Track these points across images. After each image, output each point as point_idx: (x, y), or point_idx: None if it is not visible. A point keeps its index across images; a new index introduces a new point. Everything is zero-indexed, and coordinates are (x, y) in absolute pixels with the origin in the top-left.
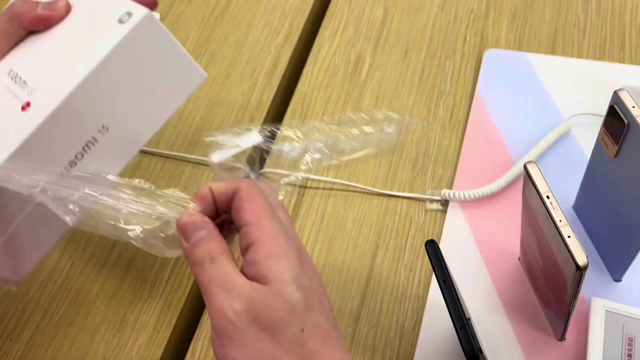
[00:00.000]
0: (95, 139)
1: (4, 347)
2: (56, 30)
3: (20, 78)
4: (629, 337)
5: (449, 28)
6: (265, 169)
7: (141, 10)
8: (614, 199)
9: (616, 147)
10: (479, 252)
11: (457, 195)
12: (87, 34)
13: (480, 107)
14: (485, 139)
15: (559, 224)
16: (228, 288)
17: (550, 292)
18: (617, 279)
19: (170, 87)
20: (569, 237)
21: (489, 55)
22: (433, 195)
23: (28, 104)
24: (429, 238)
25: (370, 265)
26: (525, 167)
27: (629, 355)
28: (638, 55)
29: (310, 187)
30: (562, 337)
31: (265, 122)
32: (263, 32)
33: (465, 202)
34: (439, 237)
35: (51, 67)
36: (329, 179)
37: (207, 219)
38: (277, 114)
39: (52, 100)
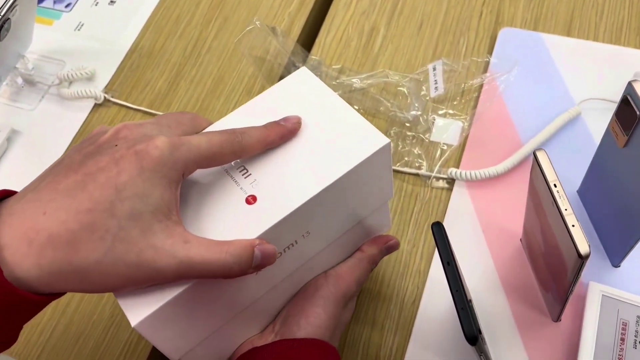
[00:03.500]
0: (295, 243)
1: None
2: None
3: (246, 170)
4: (623, 322)
5: (465, 3)
6: None
7: (382, 138)
8: (620, 187)
9: (626, 138)
10: (482, 232)
11: (463, 174)
12: (327, 147)
13: (492, 86)
14: (494, 118)
15: (564, 212)
16: None
17: (550, 275)
18: (616, 264)
19: (365, 203)
20: (573, 226)
21: (504, 33)
22: (439, 173)
23: (254, 198)
24: (433, 215)
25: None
26: (534, 154)
27: (622, 340)
28: None
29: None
30: (558, 318)
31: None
32: None
33: (471, 182)
34: (444, 215)
35: (286, 173)
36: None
37: None
38: None
39: (285, 205)
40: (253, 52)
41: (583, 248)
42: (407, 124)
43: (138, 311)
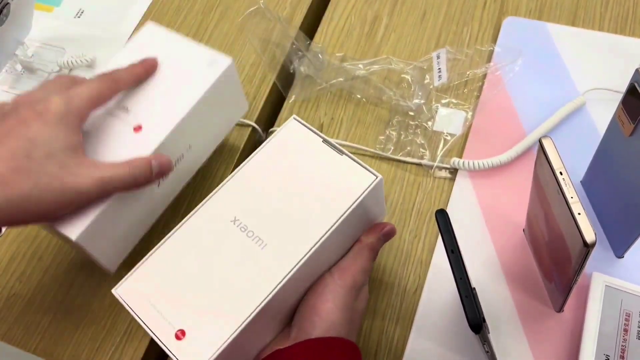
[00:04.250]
0: (182, 156)
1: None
2: (156, 76)
3: (127, 108)
4: (626, 313)
5: None
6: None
7: (226, 59)
8: (625, 177)
9: (632, 126)
10: (485, 222)
11: (466, 164)
12: (185, 76)
13: (496, 76)
14: (498, 108)
15: (570, 200)
16: None
17: (554, 265)
18: (620, 255)
19: (229, 115)
20: (579, 214)
21: (508, 23)
22: (442, 162)
23: (140, 127)
24: (436, 205)
25: None
26: (540, 141)
27: (625, 330)
28: None
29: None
30: (560, 309)
31: (278, 79)
32: None
33: (474, 172)
34: (446, 205)
35: (158, 103)
36: (339, 141)
37: None
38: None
39: (164, 127)
40: (256, 34)
41: (589, 236)
42: (410, 113)
43: (75, 227)
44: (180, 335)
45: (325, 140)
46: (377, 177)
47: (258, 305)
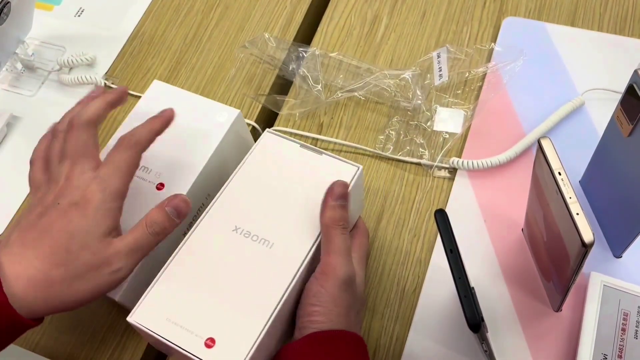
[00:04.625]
0: (202, 204)
1: None
2: (170, 132)
3: (148, 168)
4: (624, 312)
5: None
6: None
7: (234, 110)
8: (623, 177)
9: (631, 127)
10: (483, 221)
11: (465, 163)
12: (197, 130)
13: (495, 76)
14: (497, 108)
15: (568, 200)
16: None
17: (552, 265)
18: (618, 255)
19: (240, 159)
20: (577, 214)
21: (508, 23)
22: (442, 162)
23: (162, 185)
24: (435, 204)
25: (375, 228)
26: (539, 141)
27: (623, 330)
28: None
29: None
30: (558, 308)
31: (276, 80)
32: None
33: (473, 171)
34: (445, 204)
35: (175, 160)
36: (339, 140)
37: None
38: None
39: (185, 182)
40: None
41: (587, 236)
42: (410, 112)
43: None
44: (210, 343)
45: (302, 145)
46: (358, 168)
47: (280, 300)
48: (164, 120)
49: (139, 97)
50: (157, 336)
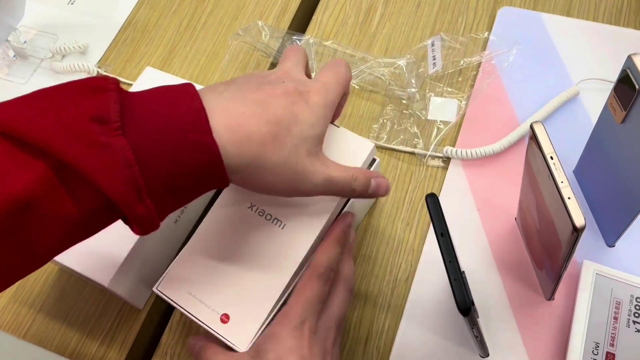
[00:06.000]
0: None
1: None
2: None
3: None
4: (616, 301)
5: None
6: None
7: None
8: (617, 164)
9: (624, 113)
10: (477, 210)
11: (459, 152)
12: None
13: (490, 65)
14: (492, 97)
15: (560, 185)
16: None
17: (544, 252)
18: (611, 244)
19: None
20: (569, 198)
21: (503, 12)
22: (435, 151)
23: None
24: (429, 193)
25: (367, 217)
26: (531, 126)
27: (615, 318)
28: None
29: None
30: (551, 297)
31: (270, 68)
32: None
33: (467, 160)
34: (439, 193)
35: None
36: None
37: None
38: None
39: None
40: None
41: (578, 220)
42: (404, 101)
43: (105, 274)
44: (225, 319)
45: None
46: (372, 145)
47: (289, 279)
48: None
49: (131, 85)
50: (179, 307)
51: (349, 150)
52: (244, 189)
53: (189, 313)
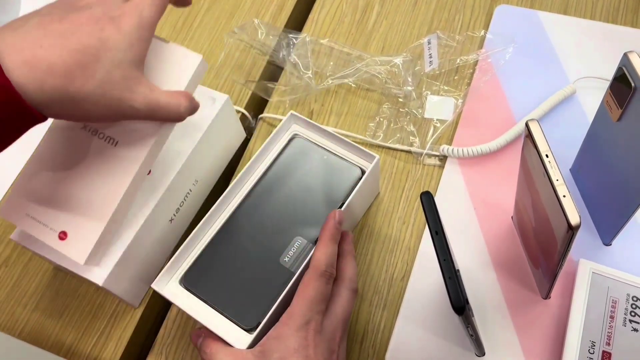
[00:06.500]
0: (190, 191)
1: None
2: None
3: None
4: (613, 299)
5: None
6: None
7: (222, 96)
8: (613, 163)
9: (620, 111)
10: (473, 209)
11: (455, 151)
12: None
13: (487, 63)
14: (488, 96)
15: (555, 182)
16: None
17: (540, 251)
18: (607, 242)
19: (228, 145)
20: (564, 196)
21: (500, 10)
22: (432, 150)
23: (149, 171)
24: (424, 191)
25: (364, 215)
26: (527, 124)
27: (612, 317)
28: None
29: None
30: (547, 296)
31: (267, 67)
32: None
33: (463, 159)
34: (435, 191)
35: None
36: (329, 128)
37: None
38: None
39: (172, 169)
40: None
41: (574, 218)
42: (401, 100)
43: (101, 273)
44: (62, 236)
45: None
46: (199, 58)
47: (123, 195)
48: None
49: None
50: (19, 230)
51: (176, 67)
52: (67, 120)
53: (30, 234)
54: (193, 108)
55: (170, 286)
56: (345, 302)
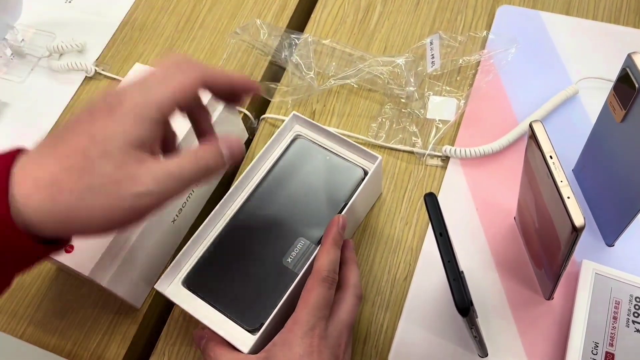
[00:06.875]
0: (192, 192)
1: None
2: None
3: None
4: (616, 300)
5: None
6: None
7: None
8: (616, 163)
9: (624, 112)
10: (476, 210)
11: (458, 152)
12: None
13: (489, 63)
14: (491, 96)
15: (559, 184)
16: None
17: (544, 252)
18: (610, 243)
19: None
20: (568, 197)
21: (502, 11)
22: (434, 150)
23: None
24: (428, 192)
25: (367, 216)
26: (530, 125)
27: (615, 318)
28: None
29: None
30: (550, 297)
31: (268, 67)
32: None
33: (466, 160)
34: (437, 192)
35: None
36: (332, 128)
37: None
38: None
39: None
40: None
41: (578, 220)
42: (403, 100)
43: (105, 273)
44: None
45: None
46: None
47: None
48: (242, 82)
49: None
50: None
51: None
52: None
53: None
54: (216, 156)
55: (173, 287)
56: (350, 309)
